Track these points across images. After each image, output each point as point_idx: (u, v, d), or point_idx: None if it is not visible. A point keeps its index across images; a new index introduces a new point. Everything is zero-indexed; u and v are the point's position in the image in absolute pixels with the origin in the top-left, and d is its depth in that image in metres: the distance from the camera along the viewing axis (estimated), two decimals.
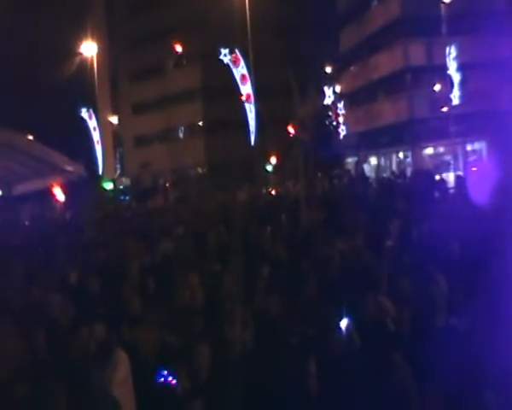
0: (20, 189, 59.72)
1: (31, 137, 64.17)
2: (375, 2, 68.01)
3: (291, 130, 55.63)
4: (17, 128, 61.07)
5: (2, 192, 60.41)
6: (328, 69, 75.31)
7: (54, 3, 73.09)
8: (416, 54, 60.90)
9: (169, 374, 8.50)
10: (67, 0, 70.96)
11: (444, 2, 55.15)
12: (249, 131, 53.88)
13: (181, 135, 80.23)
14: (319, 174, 44.72)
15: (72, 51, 69.65)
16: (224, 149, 68.25)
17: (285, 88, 55.71)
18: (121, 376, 8.89)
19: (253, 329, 10.25)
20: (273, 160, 59.03)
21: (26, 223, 42.95)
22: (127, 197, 61.37)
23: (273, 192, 41.51)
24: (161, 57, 74.39)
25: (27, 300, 13.81)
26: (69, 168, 55.17)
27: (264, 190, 42.93)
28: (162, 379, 8.49)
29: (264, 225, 19.53)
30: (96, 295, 13.71)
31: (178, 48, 65.99)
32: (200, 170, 76.31)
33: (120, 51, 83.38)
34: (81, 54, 69.82)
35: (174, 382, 8.46)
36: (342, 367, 8.50)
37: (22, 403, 8.79)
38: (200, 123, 77.96)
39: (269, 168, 58.70)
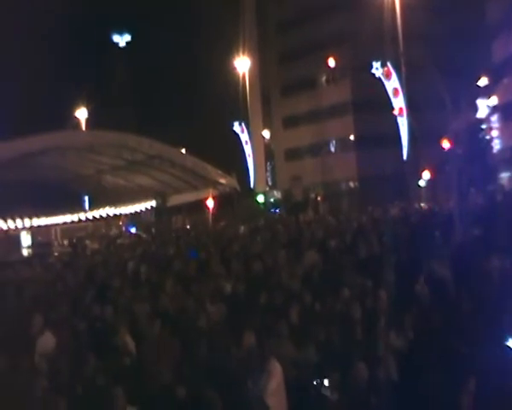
0: (174, 200, 61.60)
1: (183, 151, 66.17)
2: None
3: (444, 144, 54.52)
4: (171, 142, 63.04)
5: (156, 203, 62.50)
6: (481, 81, 73.44)
7: (206, 21, 74.87)
8: None
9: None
10: (220, 17, 72.24)
11: None
12: (401, 145, 53.30)
13: (332, 149, 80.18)
14: (472, 189, 43.69)
15: (224, 67, 71.03)
16: (375, 164, 67.63)
17: (437, 101, 55.17)
18: (275, 385, 9.05)
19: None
20: (426, 174, 58.02)
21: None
22: (277, 210, 61.97)
23: (426, 208, 40.90)
24: (312, 71, 74.66)
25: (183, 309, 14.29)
26: (222, 181, 56.39)
27: (416, 206, 42.37)
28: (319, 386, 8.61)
29: (417, 240, 19.30)
30: (252, 304, 13.97)
31: (331, 62, 66.08)
32: (351, 184, 76.08)
33: (272, 66, 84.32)
34: (234, 69, 71.10)
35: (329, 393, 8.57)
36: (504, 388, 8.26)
37: (182, 405, 9.13)
38: (352, 137, 77.62)
39: (421, 183, 57.74)
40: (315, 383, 9.20)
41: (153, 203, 65.44)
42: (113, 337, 12.44)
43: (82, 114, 76.42)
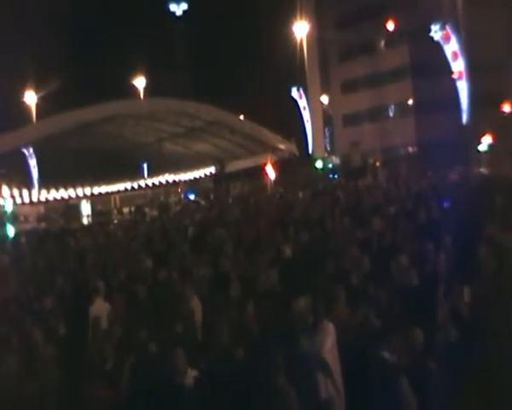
0: (233, 166, 61.85)
1: (242, 117, 66.25)
2: None
3: (505, 107, 53.63)
4: (229, 108, 63.17)
5: (215, 170, 62.83)
6: None
7: None
8: None
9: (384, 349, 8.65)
10: None
11: None
12: (461, 109, 52.56)
13: (391, 114, 79.39)
14: None
15: (282, 32, 70.64)
16: (434, 129, 66.72)
17: (498, 64, 54.17)
18: (330, 344, 9.30)
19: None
20: (486, 139, 57.16)
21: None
22: (336, 176, 61.75)
23: (486, 173, 40.37)
24: (371, 35, 73.85)
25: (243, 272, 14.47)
26: (281, 146, 56.43)
27: (476, 171, 41.86)
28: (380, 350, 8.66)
29: (477, 205, 19.10)
30: (304, 269, 14.06)
31: (390, 25, 65.28)
32: (410, 149, 75.33)
33: (330, 30, 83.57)
34: (292, 34, 70.69)
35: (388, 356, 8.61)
36: None
37: (241, 365, 9.31)
38: (411, 101, 76.69)
39: (481, 148, 56.92)
40: (373, 346, 9.27)
41: (211, 170, 65.87)
42: (178, 302, 12.68)
43: (140, 82, 76.86)
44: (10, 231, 50.60)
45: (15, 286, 18.24)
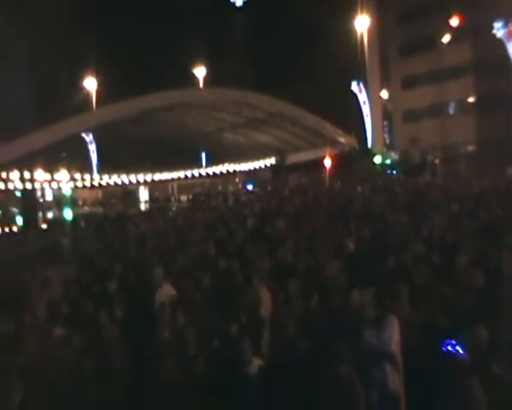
0: (292, 158, 61.82)
1: (303, 109, 66.20)
2: None
3: None
4: (288, 100, 63.12)
5: (275, 161, 62.85)
6: None
7: None
8: None
9: (456, 344, 8.60)
10: None
11: None
12: None
13: (451, 111, 78.58)
14: None
15: (343, 25, 70.37)
16: (495, 127, 65.88)
17: None
18: (396, 337, 9.32)
19: None
20: None
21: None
22: (394, 171, 61.36)
23: None
24: (432, 31, 73.10)
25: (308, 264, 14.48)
26: (341, 140, 56.23)
27: None
28: (450, 348, 8.60)
29: None
30: (368, 264, 14.02)
31: (454, 21, 64.56)
32: (470, 147, 74.47)
33: (391, 25, 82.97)
34: (353, 28, 70.40)
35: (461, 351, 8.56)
36: None
37: (305, 356, 9.34)
38: (471, 99, 75.77)
39: None
40: (439, 344, 9.21)
41: (270, 161, 65.86)
42: (244, 291, 12.74)
43: (200, 72, 77.18)
44: (69, 214, 51.34)
45: (76, 269, 18.51)
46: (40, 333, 11.60)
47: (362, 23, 69.73)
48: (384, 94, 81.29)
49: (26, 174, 56.33)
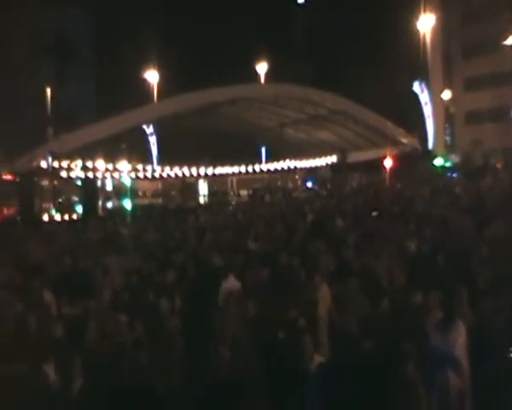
0: (353, 157, 61.57)
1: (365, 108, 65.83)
2: None
3: None
4: (353, 99, 62.90)
5: (337, 159, 62.67)
6: None
7: None
8: None
9: None
10: None
11: None
12: None
13: None
14: None
15: (405, 24, 69.73)
16: None
17: None
18: (462, 340, 9.27)
19: None
20: None
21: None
22: (454, 174, 60.66)
23: None
24: (498, 32, 72.05)
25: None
26: (404, 140, 55.75)
27: None
28: None
29: None
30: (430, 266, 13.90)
31: None
32: None
33: (455, 25, 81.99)
34: (416, 27, 69.71)
35: None
36: None
37: (368, 355, 9.32)
38: None
39: None
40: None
41: (331, 159, 65.65)
42: (303, 287, 12.75)
43: (262, 68, 77.18)
44: (128, 204, 51.92)
45: (136, 258, 18.69)
46: (106, 319, 11.76)
47: (425, 22, 68.99)
48: (446, 95, 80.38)
49: (87, 164, 57.02)
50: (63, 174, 55.07)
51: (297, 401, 8.94)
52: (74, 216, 49.94)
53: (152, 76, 68.60)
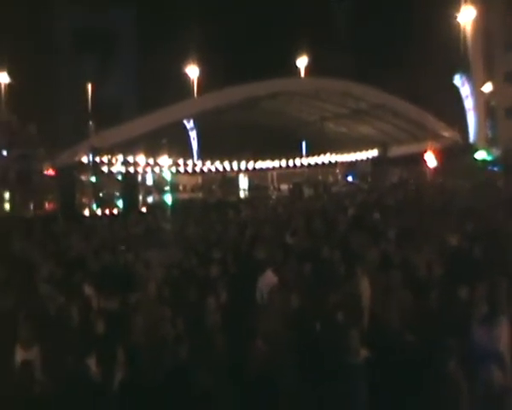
0: (394, 151, 61.18)
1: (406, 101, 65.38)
2: None
3: None
4: (394, 92, 62.55)
5: (378, 153, 62.31)
6: None
7: None
8: None
9: None
10: None
11: None
12: None
13: None
14: None
15: (447, 17, 69.12)
16: None
17: None
18: (505, 338, 9.29)
19: None
20: None
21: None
22: (496, 168, 60.00)
23: None
24: None
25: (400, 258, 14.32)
26: (445, 134, 55.21)
27: None
28: None
29: None
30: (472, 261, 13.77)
31: None
32: None
33: (497, 18, 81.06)
34: (457, 19, 69.05)
35: None
36: None
37: (411, 349, 9.25)
38: None
39: None
40: None
41: (371, 153, 65.33)
42: (345, 281, 12.69)
43: (302, 61, 76.96)
44: (168, 199, 52.14)
45: (177, 253, 18.71)
46: (149, 313, 11.81)
47: (466, 14, 68.33)
48: (487, 88, 79.53)
49: (128, 159, 57.41)
50: (104, 169, 55.50)
51: (341, 395, 8.89)
52: (115, 211, 50.24)
53: (192, 71, 68.81)
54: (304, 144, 74.73)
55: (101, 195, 56.28)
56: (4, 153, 55.35)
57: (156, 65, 71.63)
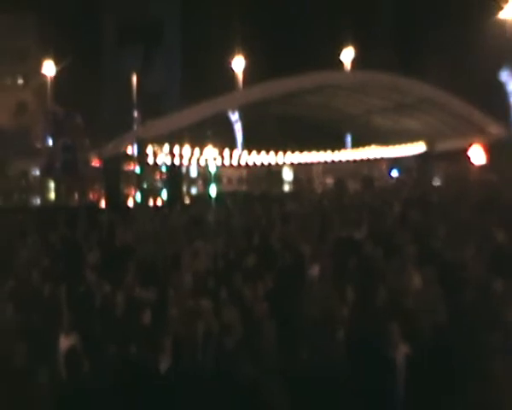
0: (440, 146, 60.58)
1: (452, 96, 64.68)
2: None
3: None
4: (440, 87, 61.91)
5: (425, 148, 61.84)
6: None
7: None
8: None
9: None
10: None
11: None
12: None
13: None
14: None
15: (495, 11, 68.21)
16: None
17: None
18: None
19: None
20: None
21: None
22: None
23: None
24: None
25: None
26: (491, 129, 54.50)
27: None
28: None
29: None
30: None
31: None
32: None
33: None
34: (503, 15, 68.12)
35: None
36: None
37: (455, 346, 9.18)
38: None
39: None
40: None
41: (417, 148, 64.78)
42: (390, 276, 12.64)
43: (347, 54, 76.62)
44: (213, 191, 52.29)
45: (222, 244, 18.79)
46: (185, 304, 11.86)
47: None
48: None
49: (174, 150, 57.54)
50: (149, 160, 55.73)
51: (382, 388, 8.86)
52: (159, 202, 50.52)
53: (238, 62, 68.81)
54: (349, 138, 74.29)
55: (145, 186, 56.65)
56: (50, 143, 56.03)
57: (201, 56, 71.97)
